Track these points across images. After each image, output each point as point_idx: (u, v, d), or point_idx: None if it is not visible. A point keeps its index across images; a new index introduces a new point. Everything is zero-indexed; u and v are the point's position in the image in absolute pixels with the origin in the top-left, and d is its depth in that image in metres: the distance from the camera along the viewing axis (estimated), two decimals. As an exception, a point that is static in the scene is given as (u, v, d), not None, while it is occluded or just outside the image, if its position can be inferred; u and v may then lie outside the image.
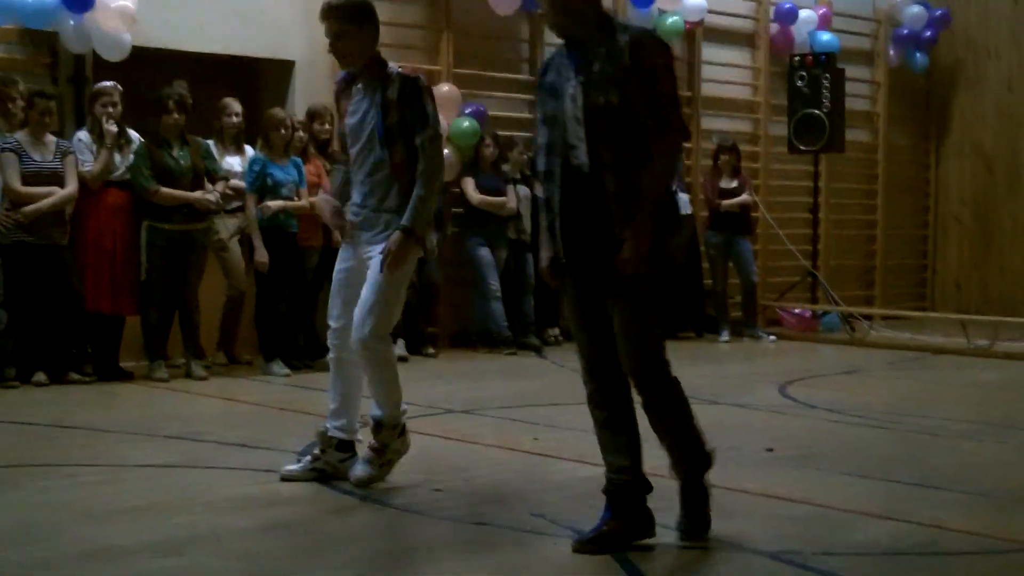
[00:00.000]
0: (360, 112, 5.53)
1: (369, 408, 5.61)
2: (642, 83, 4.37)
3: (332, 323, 5.63)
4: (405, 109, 5.42)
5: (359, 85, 5.56)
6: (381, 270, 5.34)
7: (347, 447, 5.67)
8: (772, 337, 12.57)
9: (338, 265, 5.67)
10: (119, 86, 8.85)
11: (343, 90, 5.68)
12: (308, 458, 5.70)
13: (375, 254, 5.41)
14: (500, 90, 11.83)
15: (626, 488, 4.59)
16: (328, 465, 5.63)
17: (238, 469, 5.87)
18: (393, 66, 5.58)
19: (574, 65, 4.50)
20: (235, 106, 9.61)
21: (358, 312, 5.39)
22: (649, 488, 4.64)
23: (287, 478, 5.61)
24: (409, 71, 5.60)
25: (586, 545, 4.51)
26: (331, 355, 5.68)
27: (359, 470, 5.51)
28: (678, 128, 4.52)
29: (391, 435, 5.55)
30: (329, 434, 5.66)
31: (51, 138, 8.57)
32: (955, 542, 4.82)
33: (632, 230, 4.37)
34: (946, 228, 15.81)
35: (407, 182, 5.41)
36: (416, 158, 5.41)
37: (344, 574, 4.28)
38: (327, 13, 5.50)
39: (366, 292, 5.39)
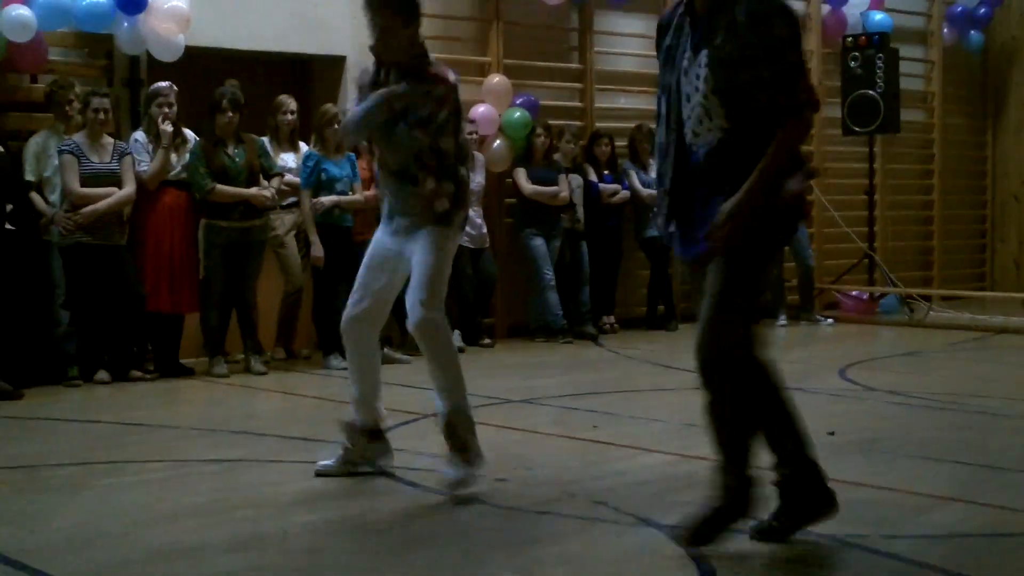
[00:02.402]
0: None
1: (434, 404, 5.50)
2: (768, 59, 4.09)
3: (348, 308, 5.57)
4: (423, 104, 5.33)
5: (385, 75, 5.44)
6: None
7: (375, 434, 5.63)
8: (830, 320, 12.50)
9: (373, 248, 5.58)
10: (174, 86, 8.93)
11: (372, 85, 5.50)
12: (340, 453, 5.65)
13: (418, 241, 5.37)
14: (550, 80, 11.83)
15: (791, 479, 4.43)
16: (357, 454, 5.61)
17: (301, 463, 5.90)
18: (438, 65, 5.47)
19: (695, 35, 4.24)
20: (290, 104, 9.68)
21: (410, 297, 5.33)
22: (818, 467, 4.44)
23: (321, 473, 5.59)
24: (438, 72, 5.44)
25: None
26: (345, 341, 5.64)
27: (451, 479, 5.30)
28: (808, 101, 4.17)
29: (467, 430, 5.37)
30: (354, 422, 5.63)
31: (108, 140, 8.66)
32: (1022, 523, 4.77)
33: (734, 201, 4.11)
34: (1004, 207, 15.64)
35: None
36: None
37: (414, 568, 4.28)
38: (368, 5, 5.37)
39: (415, 276, 5.34)
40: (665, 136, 4.39)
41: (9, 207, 8.32)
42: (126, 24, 9.17)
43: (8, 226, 8.31)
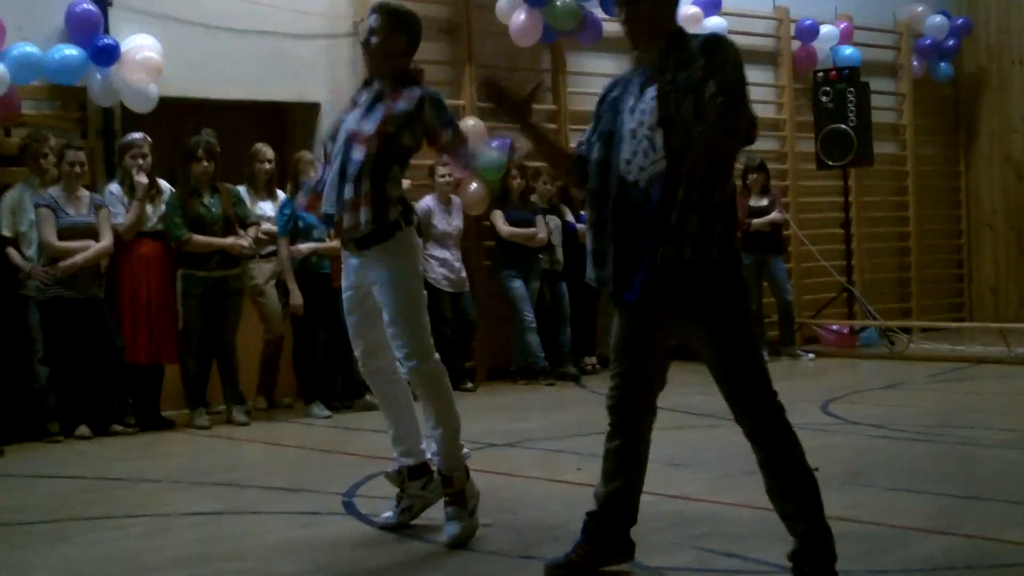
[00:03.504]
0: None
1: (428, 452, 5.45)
2: (713, 76, 4.09)
3: (355, 354, 5.52)
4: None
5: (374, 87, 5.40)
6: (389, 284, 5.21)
7: (421, 471, 5.49)
8: (811, 355, 12.51)
9: (343, 293, 5.48)
10: (148, 137, 8.93)
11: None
12: (396, 506, 5.50)
13: (377, 277, 5.25)
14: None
15: (607, 513, 4.56)
16: (414, 499, 5.47)
17: (284, 513, 5.88)
18: (422, 90, 5.41)
19: (643, 78, 4.31)
20: (267, 152, 9.68)
21: (391, 339, 5.27)
22: (633, 521, 4.60)
23: (385, 527, 5.45)
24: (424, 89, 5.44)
25: (556, 570, 4.52)
26: (368, 383, 5.59)
27: (449, 532, 5.21)
28: (744, 128, 4.14)
29: (461, 479, 5.30)
30: (398, 469, 5.50)
31: (84, 192, 8.64)
32: (1008, 554, 4.78)
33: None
34: (980, 236, 15.74)
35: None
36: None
37: (395, 614, 4.27)
38: (374, 8, 5.44)
39: (386, 316, 5.25)
40: (599, 181, 4.38)
41: (-12, 263, 8.31)
42: (99, 76, 9.18)
43: (-14, 282, 8.30)
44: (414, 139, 5.34)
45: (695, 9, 12.59)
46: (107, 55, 9.13)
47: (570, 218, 11.40)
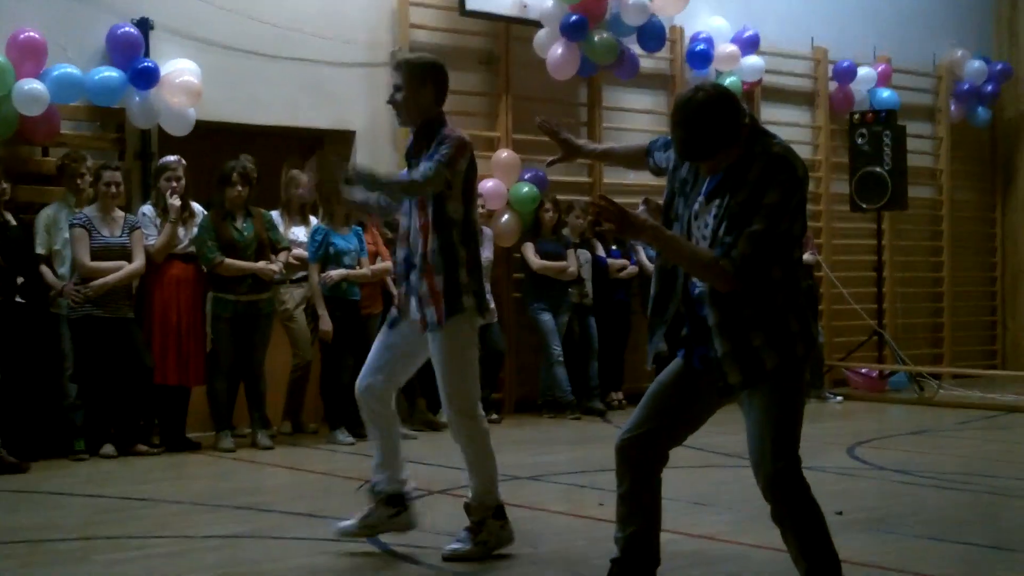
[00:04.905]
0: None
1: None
2: (760, 211, 4.06)
3: (360, 378, 5.55)
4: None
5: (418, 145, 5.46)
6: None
7: (396, 500, 5.60)
8: (839, 398, 12.45)
9: (386, 325, 5.61)
10: (183, 160, 8.99)
11: (409, 156, 5.52)
12: (359, 515, 5.63)
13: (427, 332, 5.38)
14: (559, 154, 11.84)
15: (629, 558, 4.52)
16: (379, 520, 5.58)
17: (305, 539, 5.88)
18: (453, 130, 5.46)
19: (710, 183, 4.21)
20: (303, 179, 9.70)
21: (441, 391, 5.40)
22: (656, 562, 4.56)
23: (341, 535, 5.59)
24: (451, 131, 5.44)
25: None
26: (361, 408, 5.62)
27: (450, 546, 5.40)
28: (744, 276, 4.08)
29: (484, 512, 5.43)
30: (376, 489, 5.62)
31: (120, 213, 8.70)
32: (1032, 606, 4.73)
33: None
34: (1015, 283, 15.62)
35: (426, 243, 5.33)
36: (450, 223, 5.34)
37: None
38: (396, 65, 5.52)
39: (436, 367, 5.39)
40: (660, 286, 4.38)
41: (20, 280, 8.36)
42: (138, 98, 9.26)
43: (18, 299, 8.35)
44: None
45: (733, 47, 12.61)
46: (147, 78, 9.21)
47: (601, 252, 11.39)
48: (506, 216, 11.01)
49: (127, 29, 9.32)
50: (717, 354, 4.16)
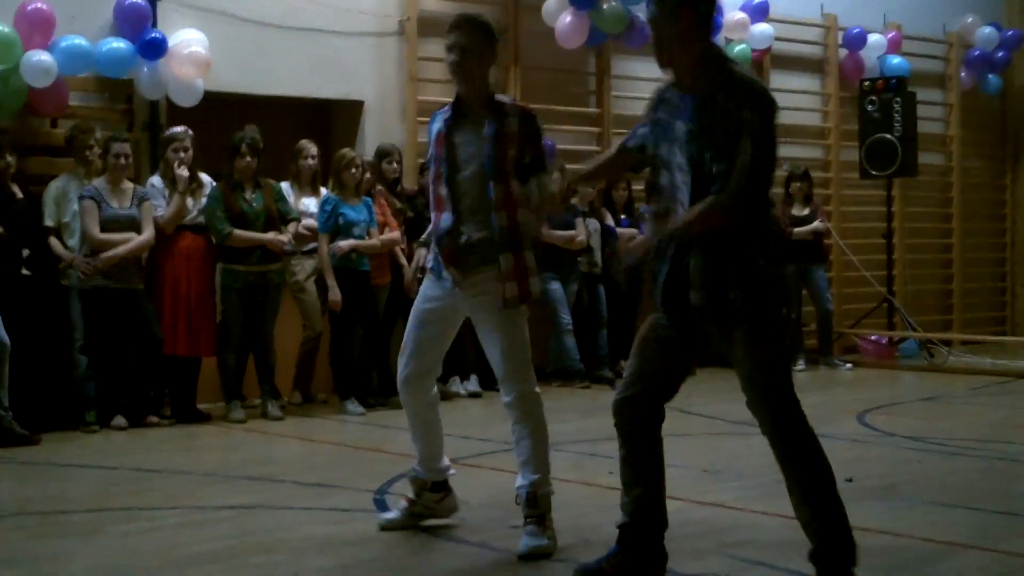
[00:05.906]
0: (465, 143, 5.17)
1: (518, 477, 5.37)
2: (745, 138, 4.13)
3: (402, 368, 5.39)
4: (525, 146, 5.15)
5: (464, 114, 5.20)
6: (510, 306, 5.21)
7: (441, 487, 5.55)
8: (849, 365, 12.44)
9: (421, 303, 5.37)
10: (190, 131, 8.98)
11: (453, 124, 5.21)
12: (404, 504, 5.54)
13: (486, 293, 5.22)
14: (567, 124, 11.85)
15: (636, 522, 4.53)
16: (424, 508, 5.51)
17: (316, 509, 5.90)
18: (503, 97, 5.30)
19: (688, 108, 4.30)
20: (311, 148, 9.70)
21: (504, 368, 5.26)
22: (664, 525, 4.56)
23: (386, 527, 5.46)
24: (524, 105, 5.32)
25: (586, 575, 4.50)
26: (404, 402, 5.47)
27: (527, 541, 5.09)
28: (733, 201, 4.17)
29: (547, 502, 5.24)
30: (421, 477, 5.53)
31: (129, 185, 8.70)
32: (1043, 572, 4.74)
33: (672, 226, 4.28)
34: (1024, 250, 15.61)
35: (513, 218, 5.15)
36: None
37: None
38: (458, 25, 5.15)
39: (500, 343, 5.24)
40: (662, 207, 4.41)
41: (26, 252, 8.37)
42: (146, 69, 9.25)
43: (25, 271, 8.36)
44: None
45: (742, 15, 12.55)
46: (155, 49, 9.20)
47: (610, 221, 11.37)
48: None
49: (135, 0, 9.30)
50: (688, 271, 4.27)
